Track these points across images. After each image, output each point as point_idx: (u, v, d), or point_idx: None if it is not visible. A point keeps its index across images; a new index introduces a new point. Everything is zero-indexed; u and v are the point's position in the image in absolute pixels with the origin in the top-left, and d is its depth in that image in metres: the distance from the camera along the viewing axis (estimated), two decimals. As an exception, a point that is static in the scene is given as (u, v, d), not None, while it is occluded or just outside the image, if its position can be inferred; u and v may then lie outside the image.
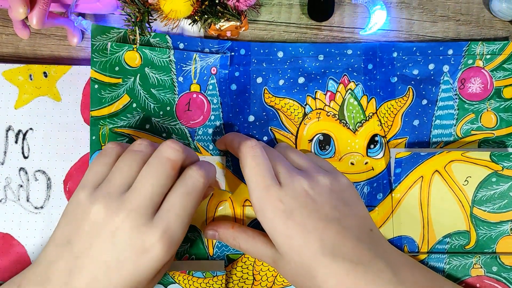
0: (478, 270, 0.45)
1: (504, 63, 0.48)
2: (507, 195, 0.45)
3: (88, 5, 0.46)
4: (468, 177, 0.45)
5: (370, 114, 0.47)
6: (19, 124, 0.47)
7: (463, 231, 0.45)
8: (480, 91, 0.48)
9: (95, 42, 0.46)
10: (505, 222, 0.46)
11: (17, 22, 0.43)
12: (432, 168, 0.45)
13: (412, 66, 0.48)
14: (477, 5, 0.50)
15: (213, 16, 0.44)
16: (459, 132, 0.47)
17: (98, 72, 0.45)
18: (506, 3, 0.48)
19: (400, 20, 0.50)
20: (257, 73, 0.48)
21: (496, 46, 0.48)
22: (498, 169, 0.45)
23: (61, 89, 0.47)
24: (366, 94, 0.47)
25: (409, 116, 0.47)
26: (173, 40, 0.47)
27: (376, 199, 0.46)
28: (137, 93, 0.46)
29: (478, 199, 0.46)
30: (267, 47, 0.48)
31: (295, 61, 0.48)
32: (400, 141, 0.47)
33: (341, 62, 0.48)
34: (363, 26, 0.50)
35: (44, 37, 0.49)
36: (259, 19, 0.50)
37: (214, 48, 0.47)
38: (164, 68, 0.46)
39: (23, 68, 0.47)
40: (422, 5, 0.50)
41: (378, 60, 0.48)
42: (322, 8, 0.48)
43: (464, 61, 0.48)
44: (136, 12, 0.43)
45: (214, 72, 0.47)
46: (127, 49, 0.46)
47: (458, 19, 0.50)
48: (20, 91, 0.47)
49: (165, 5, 0.42)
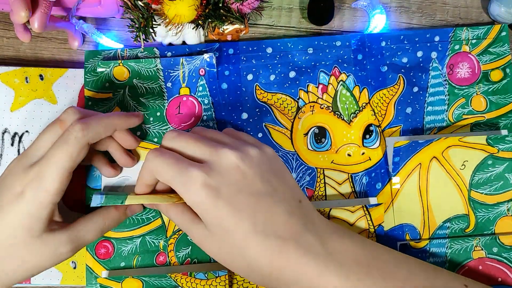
0: (479, 252, 0.45)
1: (490, 47, 0.48)
2: (503, 177, 0.46)
3: (89, 9, 0.46)
4: (465, 161, 0.46)
5: (363, 104, 0.47)
6: (15, 127, 0.46)
7: (462, 215, 0.46)
8: (468, 75, 0.48)
9: (87, 65, 0.46)
10: (502, 203, 0.46)
11: (18, 25, 0.43)
12: (430, 155, 0.46)
13: (401, 54, 0.48)
14: (476, 10, 0.51)
15: (217, 19, 0.44)
16: (451, 117, 0.48)
17: (90, 90, 0.46)
18: (504, 7, 0.48)
19: (400, 24, 0.50)
20: (247, 70, 0.47)
21: (480, 30, 0.48)
22: (494, 151, 0.46)
23: (57, 92, 0.47)
24: (358, 85, 0.47)
25: (402, 104, 0.47)
26: (161, 51, 0.47)
27: (375, 188, 0.46)
28: (126, 103, 0.46)
29: (475, 182, 0.46)
30: (255, 45, 0.47)
31: (285, 56, 0.47)
32: (395, 130, 0.47)
33: (331, 54, 0.48)
34: (362, 30, 0.50)
35: (45, 41, 0.49)
36: (259, 22, 0.49)
37: (202, 50, 0.47)
38: (151, 77, 0.46)
39: (19, 71, 0.47)
40: (421, 9, 0.51)
41: (367, 50, 0.48)
42: (322, 12, 0.48)
43: (451, 47, 0.48)
44: (140, 17, 0.43)
45: (202, 73, 0.47)
46: (114, 65, 0.46)
47: (457, 23, 0.51)
48: (16, 94, 0.46)
49: (169, 10, 0.42)
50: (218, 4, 0.44)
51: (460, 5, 0.51)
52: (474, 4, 0.51)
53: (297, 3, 0.50)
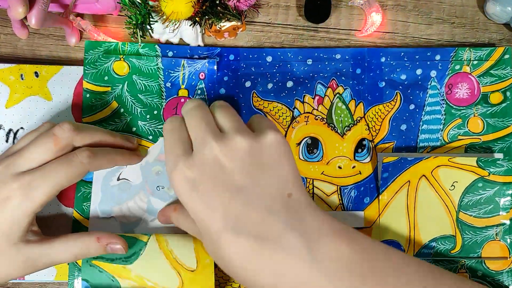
0: (463, 274, 0.45)
1: (491, 69, 0.48)
2: (493, 200, 0.46)
3: (87, 6, 0.47)
4: (455, 182, 0.46)
5: (358, 118, 0.47)
6: (10, 124, 0.47)
7: (449, 235, 0.46)
8: (467, 96, 0.48)
9: (87, 56, 0.47)
10: (491, 227, 0.46)
11: (16, 21, 0.43)
12: (419, 173, 0.46)
13: (400, 71, 0.48)
14: (471, 8, 0.51)
15: (214, 16, 0.45)
16: (446, 137, 0.47)
17: (89, 83, 0.47)
18: (500, 6, 0.48)
19: (396, 22, 0.50)
20: (246, 77, 0.48)
21: (483, 52, 0.48)
22: (485, 174, 0.46)
23: (52, 89, 0.47)
24: (354, 98, 0.48)
25: (397, 121, 0.48)
26: (162, 49, 0.48)
27: (363, 203, 0.46)
28: (124, 99, 0.47)
29: (465, 204, 0.46)
30: (256, 52, 0.48)
31: (284, 65, 0.48)
32: (388, 146, 0.47)
33: (330, 67, 0.48)
34: (359, 28, 0.50)
35: (43, 37, 0.50)
36: (256, 20, 0.50)
37: (203, 54, 0.48)
38: (151, 75, 0.47)
39: (14, 68, 0.47)
40: (417, 7, 0.51)
41: (366, 64, 0.48)
42: (318, 10, 0.49)
43: (452, 66, 0.48)
44: (137, 14, 0.44)
45: (202, 77, 0.48)
46: (115, 59, 0.47)
47: (453, 21, 0.51)
48: (11, 91, 0.47)
49: (166, 7, 0.43)
50: (215, 1, 0.44)
51: (456, 3, 0.51)
52: (470, 2, 0.51)
53: (294, 1, 0.50)
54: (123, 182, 0.46)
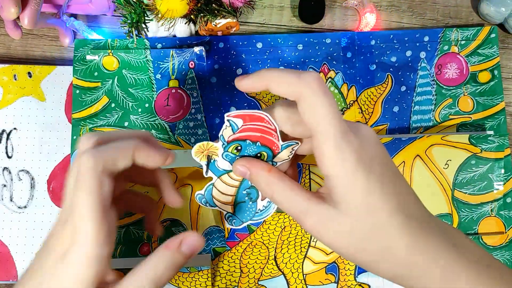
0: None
1: (478, 49, 0.49)
2: (487, 177, 0.46)
3: (80, 6, 0.47)
4: (449, 161, 0.46)
5: (351, 102, 0.48)
6: (3, 124, 0.47)
7: (446, 214, 0.46)
8: (456, 76, 0.49)
9: (77, 54, 0.47)
10: (486, 204, 0.46)
11: (8, 22, 0.43)
12: (413, 153, 0.46)
13: (390, 54, 0.48)
14: (465, 9, 0.51)
15: (209, 13, 0.45)
16: (438, 117, 0.48)
17: (79, 79, 0.47)
18: (494, 7, 0.49)
19: (390, 23, 0.51)
20: (236, 65, 0.48)
21: (470, 32, 0.49)
22: (477, 151, 0.46)
23: (46, 89, 0.47)
24: (346, 82, 0.48)
25: (389, 103, 0.48)
26: (151, 42, 0.48)
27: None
28: (115, 93, 0.47)
29: (459, 182, 0.46)
30: (246, 39, 0.48)
31: (275, 51, 0.48)
32: (381, 128, 0.48)
33: (320, 51, 0.48)
34: (353, 29, 0.50)
35: (36, 38, 0.49)
36: (250, 20, 0.50)
37: (192, 43, 0.48)
38: (141, 68, 0.47)
39: (7, 68, 0.47)
40: (411, 8, 0.51)
41: (357, 48, 0.48)
42: (313, 11, 0.49)
43: (440, 47, 0.49)
44: (132, 13, 0.43)
45: (192, 66, 0.47)
46: (103, 54, 0.47)
47: (447, 22, 0.51)
48: (4, 91, 0.47)
49: (161, 5, 0.43)
50: (209, -2, 0.44)
51: (450, 4, 0.51)
52: (464, 3, 0.51)
53: (288, 1, 0.50)
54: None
